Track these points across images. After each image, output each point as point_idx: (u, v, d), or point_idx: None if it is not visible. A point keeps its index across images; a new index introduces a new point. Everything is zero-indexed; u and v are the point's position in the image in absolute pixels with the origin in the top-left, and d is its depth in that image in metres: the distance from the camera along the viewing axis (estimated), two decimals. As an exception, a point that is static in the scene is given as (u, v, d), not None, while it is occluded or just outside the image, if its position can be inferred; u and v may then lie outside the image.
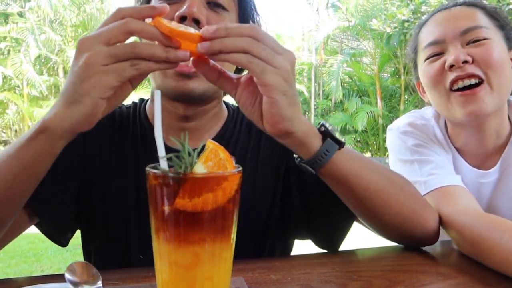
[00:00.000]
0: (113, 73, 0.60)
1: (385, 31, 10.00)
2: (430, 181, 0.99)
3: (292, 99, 0.65)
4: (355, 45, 12.94)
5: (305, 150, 0.71)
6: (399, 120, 1.21)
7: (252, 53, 0.61)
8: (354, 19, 11.10)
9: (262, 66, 0.62)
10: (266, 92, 0.63)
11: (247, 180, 0.84)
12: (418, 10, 9.09)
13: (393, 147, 1.16)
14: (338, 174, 0.73)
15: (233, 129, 0.95)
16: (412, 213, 0.79)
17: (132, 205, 0.86)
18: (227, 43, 0.61)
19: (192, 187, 0.47)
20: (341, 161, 0.72)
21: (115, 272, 0.70)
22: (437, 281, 0.69)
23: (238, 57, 0.61)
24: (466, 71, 0.99)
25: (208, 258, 0.49)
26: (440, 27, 1.05)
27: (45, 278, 0.68)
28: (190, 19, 0.78)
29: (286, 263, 0.77)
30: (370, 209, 0.78)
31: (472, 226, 0.81)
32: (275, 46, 0.64)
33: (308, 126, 0.70)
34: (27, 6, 12.78)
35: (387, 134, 1.23)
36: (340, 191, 0.78)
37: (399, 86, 10.98)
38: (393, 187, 0.79)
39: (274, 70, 0.62)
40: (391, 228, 0.81)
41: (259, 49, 0.61)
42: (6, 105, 13.85)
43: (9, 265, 4.07)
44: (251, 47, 0.61)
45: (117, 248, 0.87)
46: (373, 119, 10.77)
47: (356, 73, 11.72)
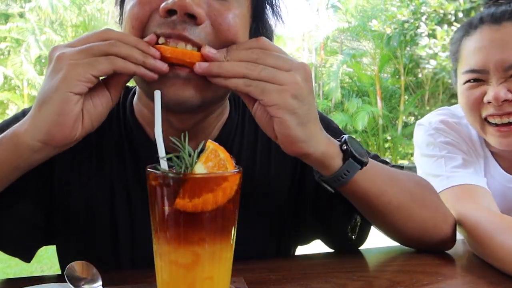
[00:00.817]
0: (85, 65, 0.56)
1: (385, 31, 10.00)
2: (453, 177, 0.99)
3: (305, 118, 0.60)
4: (355, 45, 12.94)
5: (324, 170, 0.68)
6: (430, 116, 1.18)
7: (250, 77, 0.58)
8: (354, 19, 11.11)
9: (261, 87, 0.58)
10: (272, 112, 0.59)
11: (259, 180, 0.81)
12: (418, 11, 9.09)
13: (421, 142, 1.14)
14: (359, 192, 0.71)
15: (236, 126, 0.84)
16: (433, 226, 0.79)
17: (121, 209, 0.77)
18: (225, 69, 0.58)
19: (192, 188, 0.47)
20: (363, 180, 0.69)
21: (115, 272, 0.70)
22: (436, 282, 0.69)
23: (235, 83, 0.58)
24: (504, 110, 0.97)
25: (208, 258, 0.49)
26: (485, 54, 0.98)
27: (45, 278, 0.68)
28: (182, 14, 0.60)
29: (286, 263, 0.77)
30: (390, 224, 0.77)
31: (485, 225, 0.81)
32: (279, 63, 0.59)
33: (327, 146, 0.65)
34: (27, 6, 12.78)
35: (416, 129, 1.20)
36: (360, 207, 0.76)
37: (399, 86, 10.98)
38: (415, 202, 0.76)
39: (277, 88, 0.58)
40: (410, 239, 0.81)
41: (256, 71, 0.58)
42: (6, 106, 13.84)
43: (9, 265, 4.07)
44: (249, 72, 0.58)
45: (106, 253, 0.78)
46: (373, 120, 10.77)
47: (356, 74, 11.72)
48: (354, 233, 0.86)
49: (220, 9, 0.64)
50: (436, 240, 0.81)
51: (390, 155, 10.89)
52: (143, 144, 0.78)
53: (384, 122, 11.07)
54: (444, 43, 8.61)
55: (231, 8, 0.65)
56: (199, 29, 0.62)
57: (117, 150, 0.79)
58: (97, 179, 0.78)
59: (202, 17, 0.61)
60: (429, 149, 1.10)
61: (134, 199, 0.78)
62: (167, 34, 0.61)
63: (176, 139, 0.50)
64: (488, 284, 0.69)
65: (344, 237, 0.86)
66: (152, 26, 0.63)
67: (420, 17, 9.13)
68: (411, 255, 0.83)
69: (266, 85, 0.58)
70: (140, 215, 0.77)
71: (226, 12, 0.64)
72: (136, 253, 0.78)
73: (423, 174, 1.09)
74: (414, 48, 9.79)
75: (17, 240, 0.80)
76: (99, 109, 0.61)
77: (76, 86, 0.55)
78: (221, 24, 0.63)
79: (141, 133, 0.79)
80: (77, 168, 0.78)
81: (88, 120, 0.60)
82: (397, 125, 10.93)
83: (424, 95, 11.04)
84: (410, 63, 10.48)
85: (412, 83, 11.32)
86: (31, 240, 0.82)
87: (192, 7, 0.59)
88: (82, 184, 0.78)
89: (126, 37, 0.60)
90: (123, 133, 0.80)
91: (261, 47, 0.61)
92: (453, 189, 0.96)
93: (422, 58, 9.35)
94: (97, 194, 0.78)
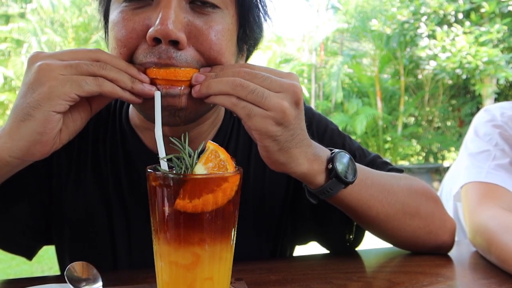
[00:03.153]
0: (73, 83, 0.54)
1: (385, 32, 9.99)
2: (492, 174, 0.98)
3: (287, 143, 0.60)
4: (355, 46, 12.94)
5: (309, 184, 0.68)
6: (504, 106, 1.12)
7: (237, 96, 0.57)
8: (354, 20, 11.10)
9: (248, 110, 0.57)
10: (255, 135, 0.59)
11: (254, 183, 0.81)
12: (417, 12, 9.08)
13: (480, 127, 1.10)
14: (345, 205, 0.72)
15: (231, 129, 0.83)
16: (427, 234, 0.79)
17: (117, 212, 0.77)
18: (212, 86, 0.58)
19: (192, 188, 0.47)
20: (347, 195, 0.69)
21: (115, 273, 0.70)
22: (436, 282, 0.69)
23: (223, 100, 0.58)
24: None
25: (208, 258, 0.49)
26: None
27: (45, 279, 0.69)
28: (166, 42, 0.59)
29: (286, 264, 0.77)
30: (380, 232, 0.78)
31: (495, 224, 0.81)
32: (268, 83, 0.58)
33: (310, 165, 0.64)
34: (28, 7, 12.79)
35: (481, 113, 1.15)
36: (350, 215, 0.76)
37: (399, 87, 10.97)
38: (406, 213, 0.76)
39: (263, 113, 0.56)
40: (404, 245, 0.83)
41: (245, 92, 0.56)
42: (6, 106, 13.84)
43: (10, 266, 4.06)
44: (235, 91, 0.57)
45: (103, 258, 0.78)
46: (373, 121, 10.77)
47: (356, 74, 11.72)
48: (351, 234, 0.87)
49: (201, 28, 0.62)
50: (431, 245, 0.81)
51: (390, 156, 10.88)
52: (138, 151, 0.78)
53: (384, 123, 11.07)
54: (444, 44, 8.60)
55: (212, 25, 0.63)
56: (184, 53, 0.61)
57: (112, 157, 0.78)
58: (93, 186, 0.78)
59: (184, 43, 0.60)
60: (486, 138, 1.07)
61: (130, 205, 0.78)
62: (154, 64, 0.61)
63: (176, 139, 0.50)
64: (488, 285, 0.69)
65: (342, 238, 0.86)
66: (139, 54, 0.62)
67: (420, 18, 9.12)
68: (411, 256, 0.83)
69: (252, 108, 0.56)
70: (137, 222, 0.77)
71: (207, 31, 0.62)
72: (134, 258, 0.78)
73: (464, 151, 1.08)
74: (414, 49, 9.79)
75: (17, 239, 0.80)
76: (78, 123, 0.61)
77: (60, 105, 0.54)
78: (203, 44, 0.62)
79: (136, 140, 0.78)
80: (73, 175, 0.78)
81: (66, 134, 0.59)
82: (397, 126, 10.93)
83: (424, 96, 11.04)
84: (410, 64, 10.47)
85: (412, 84, 11.32)
86: (31, 240, 0.83)
87: (175, 33, 0.58)
88: (78, 190, 0.78)
89: (117, 60, 0.59)
90: (118, 140, 0.79)
91: (248, 67, 0.60)
92: (483, 185, 0.95)
93: (422, 59, 9.34)
94: (93, 200, 0.78)
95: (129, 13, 0.62)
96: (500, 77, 8.41)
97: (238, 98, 0.57)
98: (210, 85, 0.59)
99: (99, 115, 0.79)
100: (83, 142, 0.78)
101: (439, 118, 11.64)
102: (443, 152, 11.62)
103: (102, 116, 0.81)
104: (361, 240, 0.88)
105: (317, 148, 0.67)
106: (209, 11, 0.63)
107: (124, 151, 0.79)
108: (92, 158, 0.78)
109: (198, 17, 0.62)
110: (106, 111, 0.81)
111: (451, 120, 11.64)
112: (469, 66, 8.36)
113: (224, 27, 0.64)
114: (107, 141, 0.79)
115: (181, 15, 0.60)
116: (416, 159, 11.59)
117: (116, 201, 0.78)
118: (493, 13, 8.45)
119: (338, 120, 10.71)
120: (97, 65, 0.56)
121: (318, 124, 0.86)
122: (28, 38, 12.36)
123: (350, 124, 10.68)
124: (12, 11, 12.98)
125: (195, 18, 0.62)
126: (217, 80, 0.59)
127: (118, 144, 0.79)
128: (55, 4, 12.79)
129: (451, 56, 8.51)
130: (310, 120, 0.84)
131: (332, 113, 11.90)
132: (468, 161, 1.05)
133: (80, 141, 0.77)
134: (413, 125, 11.52)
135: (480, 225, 0.84)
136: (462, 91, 11.18)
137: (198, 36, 0.62)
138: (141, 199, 0.75)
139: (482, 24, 8.69)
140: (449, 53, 8.56)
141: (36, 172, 0.75)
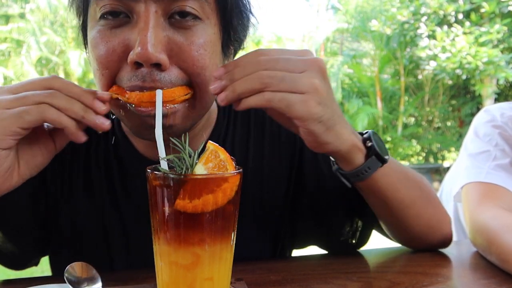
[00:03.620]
0: (13, 116, 0.51)
1: (385, 32, 9.99)
2: (491, 174, 0.97)
3: (330, 121, 0.58)
4: (355, 46, 12.94)
5: (346, 165, 0.67)
6: (503, 107, 1.11)
7: (269, 89, 0.53)
8: (354, 20, 11.10)
9: (286, 100, 0.54)
10: (299, 123, 0.57)
11: (252, 182, 0.80)
12: (417, 12, 9.08)
13: (480, 128, 1.09)
14: (375, 188, 0.71)
15: (226, 129, 0.80)
16: (437, 223, 0.80)
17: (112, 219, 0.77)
18: (239, 88, 0.54)
19: (193, 188, 0.47)
20: (381, 177, 0.68)
21: (115, 273, 0.70)
22: (437, 283, 0.69)
23: (256, 100, 0.54)
24: None
25: (208, 259, 0.49)
26: None
27: (45, 279, 0.69)
28: (148, 65, 0.57)
29: (286, 264, 0.77)
30: (400, 221, 0.77)
31: (495, 224, 0.81)
32: (292, 64, 0.55)
33: (352, 142, 0.64)
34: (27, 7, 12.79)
35: (481, 114, 1.14)
36: (375, 203, 0.75)
37: (399, 87, 10.97)
38: (424, 200, 0.77)
39: (301, 98, 0.54)
40: (416, 237, 0.81)
41: (276, 82, 0.53)
42: (6, 107, 13.82)
43: (9, 266, 4.07)
44: (266, 84, 0.53)
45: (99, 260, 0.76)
46: (373, 121, 10.76)
47: (356, 75, 11.71)
48: (354, 238, 0.86)
49: (182, 44, 0.59)
50: (439, 237, 0.81)
51: (390, 156, 10.87)
52: (129, 156, 0.77)
53: (384, 123, 11.06)
54: (444, 44, 8.60)
55: (193, 40, 0.60)
56: (167, 74, 0.59)
57: (105, 165, 0.78)
58: (87, 193, 0.77)
59: (166, 64, 0.58)
60: (485, 138, 1.06)
61: (124, 209, 0.77)
62: (139, 88, 0.59)
63: (176, 140, 0.50)
64: (488, 285, 0.69)
65: (343, 241, 0.85)
66: (123, 77, 0.60)
67: (420, 18, 9.12)
68: (411, 256, 0.83)
69: (289, 96, 0.54)
70: (133, 225, 0.77)
71: (188, 48, 0.60)
72: (132, 260, 0.78)
73: (464, 152, 1.07)
74: (414, 49, 9.78)
75: (12, 254, 0.80)
76: (39, 159, 0.59)
77: (2, 141, 0.52)
78: (185, 61, 0.60)
79: (128, 145, 0.78)
80: (67, 184, 0.78)
81: (26, 169, 0.58)
82: (397, 126, 10.92)
83: (424, 96, 11.03)
84: (410, 64, 10.46)
85: (412, 84, 11.31)
86: (27, 252, 0.82)
87: (155, 56, 0.56)
88: (72, 199, 0.77)
89: (70, 87, 0.55)
90: (111, 147, 0.78)
91: (263, 54, 0.57)
92: (483, 185, 0.95)
93: (422, 59, 9.34)
94: (88, 209, 0.77)
95: (107, 33, 0.60)
96: (500, 77, 8.40)
97: (272, 91, 0.54)
98: (235, 88, 0.55)
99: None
100: (75, 150, 0.77)
101: (439, 118, 11.63)
102: (443, 152, 11.61)
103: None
104: (364, 243, 0.88)
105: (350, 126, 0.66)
106: (189, 24, 0.60)
107: (116, 157, 0.78)
108: (84, 168, 0.78)
109: (178, 33, 0.60)
110: None
111: (451, 120, 11.64)
112: (469, 66, 8.35)
113: (206, 40, 0.62)
114: (100, 147, 0.78)
115: (161, 34, 0.58)
116: (416, 159, 11.58)
117: (110, 206, 0.77)
118: (493, 13, 8.45)
119: (338, 120, 10.69)
120: (45, 93, 0.53)
121: None
122: (27, 39, 12.36)
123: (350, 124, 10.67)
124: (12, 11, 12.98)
125: (175, 34, 0.59)
126: (242, 80, 0.55)
127: (110, 150, 0.78)
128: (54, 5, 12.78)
129: (451, 56, 8.51)
130: None
131: (332, 113, 11.86)
132: (468, 162, 1.05)
133: (73, 148, 0.76)
134: (413, 125, 11.51)
135: (480, 225, 0.84)
136: (462, 92, 11.18)
137: (179, 54, 0.60)
138: (135, 202, 0.75)
139: (482, 25, 8.68)
140: (449, 54, 8.56)
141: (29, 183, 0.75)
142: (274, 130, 0.82)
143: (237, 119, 0.82)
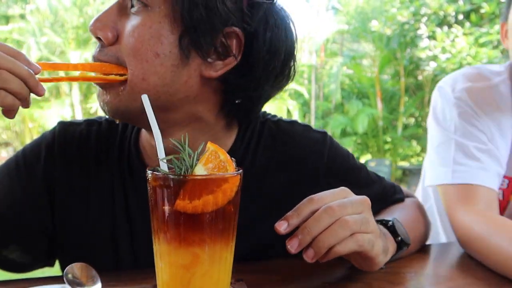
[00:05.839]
0: None
1: (385, 33, 10.00)
2: (458, 172, 0.92)
3: (375, 241, 0.60)
4: (355, 47, 12.95)
5: (370, 265, 0.65)
6: (455, 78, 1.02)
7: (356, 232, 0.56)
8: (354, 21, 11.12)
9: (372, 241, 0.58)
10: (366, 254, 0.60)
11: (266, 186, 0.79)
12: (418, 12, 9.09)
13: (438, 110, 1.02)
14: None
15: (243, 155, 0.78)
16: (426, 238, 0.91)
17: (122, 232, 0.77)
18: (327, 241, 0.55)
19: (192, 189, 0.47)
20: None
21: (115, 274, 0.70)
22: (436, 283, 0.69)
23: (350, 246, 0.56)
24: None
25: (208, 259, 0.49)
26: None
27: (45, 280, 0.68)
28: (98, 39, 0.67)
29: (286, 265, 0.77)
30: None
31: (477, 228, 0.81)
32: (356, 208, 0.58)
33: (384, 245, 0.64)
34: (28, 8, 12.80)
35: (435, 92, 1.05)
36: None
37: (399, 88, 10.97)
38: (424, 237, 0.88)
39: (370, 237, 0.59)
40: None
41: (359, 226, 0.56)
42: (6, 107, 13.83)
43: (9, 267, 4.07)
44: (353, 229, 0.56)
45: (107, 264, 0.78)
46: (373, 121, 10.77)
47: (356, 75, 11.72)
48: None
49: (125, 27, 0.65)
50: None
51: (390, 157, 10.87)
52: (138, 166, 0.77)
53: (384, 123, 11.06)
54: (444, 45, 8.61)
55: (133, 24, 0.64)
56: (107, 49, 0.66)
57: (118, 172, 0.78)
58: (98, 203, 0.78)
59: (105, 40, 0.65)
60: (445, 122, 0.99)
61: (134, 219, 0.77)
62: (93, 57, 0.67)
63: (176, 140, 0.50)
64: (487, 286, 0.69)
65: None
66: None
67: (420, 19, 9.13)
68: (411, 257, 0.83)
69: (369, 237, 0.58)
70: (141, 236, 0.77)
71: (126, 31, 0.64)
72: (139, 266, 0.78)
73: (430, 145, 1.03)
74: (414, 49, 9.79)
75: (19, 263, 0.82)
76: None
77: None
78: (120, 43, 0.65)
79: (138, 156, 0.78)
80: (76, 193, 0.78)
81: None
82: (397, 126, 10.92)
83: (424, 96, 11.04)
84: (410, 65, 10.46)
85: (412, 85, 11.32)
86: (33, 260, 0.83)
87: (96, 31, 0.65)
88: (82, 209, 0.78)
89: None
90: (125, 157, 0.79)
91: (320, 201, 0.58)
92: (457, 187, 0.92)
93: (422, 59, 9.34)
94: (98, 219, 0.78)
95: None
96: (500, 78, 8.40)
97: (359, 233, 0.57)
98: (323, 241, 0.55)
99: (99, 131, 0.81)
100: (84, 158, 0.79)
101: (439, 119, 11.61)
102: (443, 153, 11.60)
103: (103, 132, 0.81)
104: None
105: (382, 228, 0.69)
106: (136, 10, 0.64)
107: (130, 174, 0.78)
108: (94, 180, 0.78)
109: (128, 18, 0.65)
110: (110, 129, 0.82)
111: (451, 121, 11.62)
112: (469, 67, 8.36)
113: (146, 26, 0.63)
114: (114, 156, 0.79)
115: (113, 15, 0.65)
116: (416, 160, 11.57)
117: (121, 221, 0.77)
118: (493, 14, 8.46)
119: (338, 121, 10.72)
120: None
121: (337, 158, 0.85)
122: (28, 39, 12.37)
123: (350, 125, 10.69)
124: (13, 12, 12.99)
125: (126, 19, 0.65)
126: (327, 232, 0.55)
127: (124, 165, 0.78)
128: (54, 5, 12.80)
129: (451, 57, 8.51)
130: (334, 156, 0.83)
131: (332, 114, 11.91)
132: (433, 155, 1.00)
133: (81, 154, 0.78)
134: (413, 126, 11.52)
135: (465, 235, 0.84)
136: (462, 92, 11.16)
137: (119, 37, 0.65)
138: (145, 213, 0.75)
139: (482, 25, 8.69)
140: (449, 54, 8.57)
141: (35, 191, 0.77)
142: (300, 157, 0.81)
143: (258, 149, 0.80)
